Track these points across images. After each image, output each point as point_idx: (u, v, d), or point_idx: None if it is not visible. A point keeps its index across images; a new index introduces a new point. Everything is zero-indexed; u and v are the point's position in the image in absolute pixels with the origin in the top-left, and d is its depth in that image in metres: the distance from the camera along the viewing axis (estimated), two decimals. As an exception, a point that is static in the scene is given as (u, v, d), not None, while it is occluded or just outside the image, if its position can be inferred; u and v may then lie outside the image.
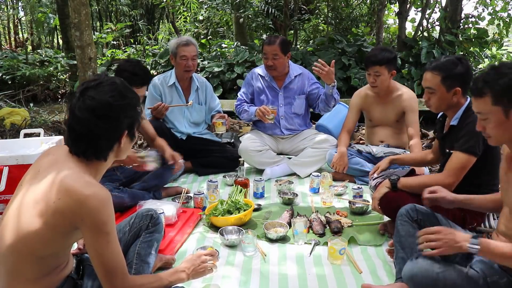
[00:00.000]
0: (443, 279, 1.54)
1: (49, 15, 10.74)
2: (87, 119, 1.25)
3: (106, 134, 1.30)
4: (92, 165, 1.33)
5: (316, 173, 3.07)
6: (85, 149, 1.29)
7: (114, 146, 1.34)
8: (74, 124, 1.27)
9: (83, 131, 1.27)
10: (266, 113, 3.25)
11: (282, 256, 2.15)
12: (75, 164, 1.29)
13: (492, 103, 1.46)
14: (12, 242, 1.23)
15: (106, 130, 1.29)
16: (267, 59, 3.30)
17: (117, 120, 1.30)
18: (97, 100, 1.26)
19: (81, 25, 4.14)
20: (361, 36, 9.13)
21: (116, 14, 13.38)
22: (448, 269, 1.56)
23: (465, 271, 1.55)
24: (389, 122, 3.17)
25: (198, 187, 3.16)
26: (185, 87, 3.42)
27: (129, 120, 1.33)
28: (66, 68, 8.90)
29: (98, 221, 1.21)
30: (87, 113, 1.25)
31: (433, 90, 2.11)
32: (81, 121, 1.26)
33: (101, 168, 1.37)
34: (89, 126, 1.26)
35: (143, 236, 1.76)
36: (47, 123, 4.82)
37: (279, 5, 8.71)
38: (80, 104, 1.26)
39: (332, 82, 3.17)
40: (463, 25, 7.86)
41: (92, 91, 1.27)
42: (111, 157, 1.36)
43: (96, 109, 1.26)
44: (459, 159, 2.03)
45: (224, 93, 7.52)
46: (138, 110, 1.37)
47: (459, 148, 2.04)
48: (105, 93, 1.28)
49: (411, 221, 1.84)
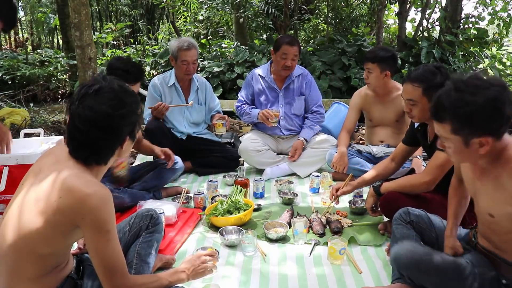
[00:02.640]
0: (427, 262, 1.55)
1: (49, 15, 10.74)
2: (88, 130, 1.24)
3: (109, 143, 1.30)
4: (93, 168, 1.33)
5: (316, 173, 3.07)
6: (87, 156, 1.29)
7: (116, 151, 1.35)
8: (76, 133, 1.26)
9: (85, 141, 1.26)
10: (269, 116, 3.26)
11: (282, 256, 2.15)
12: (76, 164, 1.29)
13: (452, 131, 1.37)
14: (13, 241, 1.23)
15: (109, 140, 1.29)
16: (287, 59, 3.26)
17: (119, 129, 1.29)
18: (96, 111, 1.24)
19: (81, 25, 4.14)
20: (361, 36, 9.13)
21: (116, 14, 13.38)
22: (434, 254, 1.57)
23: (451, 259, 1.56)
24: (389, 122, 3.17)
25: (198, 187, 3.16)
26: (185, 87, 3.42)
27: (130, 126, 1.33)
28: (66, 68, 8.90)
29: (99, 220, 1.22)
30: (88, 125, 1.24)
31: (415, 102, 2.10)
32: (82, 132, 1.25)
33: (102, 170, 1.37)
34: (90, 137, 1.26)
35: (143, 236, 1.76)
36: (47, 123, 4.82)
37: (279, 5, 8.71)
38: (80, 113, 1.24)
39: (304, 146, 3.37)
40: (463, 25, 7.86)
41: (91, 100, 1.25)
42: (112, 160, 1.37)
43: (97, 120, 1.24)
44: (438, 157, 2.04)
45: (224, 93, 7.53)
46: (138, 113, 1.37)
47: (438, 147, 2.05)
48: (105, 102, 1.25)
49: (405, 223, 1.86)
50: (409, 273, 1.65)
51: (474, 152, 1.37)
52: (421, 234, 1.85)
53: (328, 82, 7.24)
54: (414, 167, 2.77)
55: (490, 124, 1.33)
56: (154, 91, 3.36)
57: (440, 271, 1.54)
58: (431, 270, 1.55)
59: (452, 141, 1.40)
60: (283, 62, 3.28)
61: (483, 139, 1.33)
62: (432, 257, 1.56)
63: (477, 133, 1.33)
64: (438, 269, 1.53)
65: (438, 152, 2.04)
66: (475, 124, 1.33)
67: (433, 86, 2.05)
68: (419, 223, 1.85)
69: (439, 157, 2.04)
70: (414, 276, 1.63)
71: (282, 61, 3.28)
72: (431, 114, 1.45)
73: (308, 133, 3.41)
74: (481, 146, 1.35)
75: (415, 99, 2.09)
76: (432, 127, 2.17)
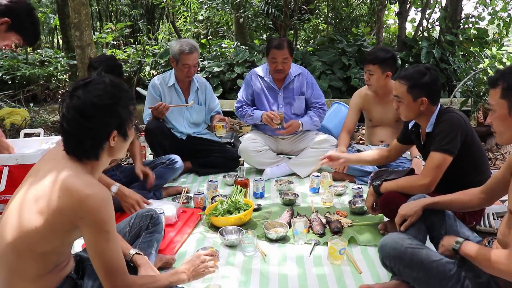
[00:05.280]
0: (411, 255, 1.53)
1: (49, 15, 10.72)
2: (73, 118, 1.27)
3: (92, 134, 1.30)
4: (86, 164, 1.33)
5: (316, 173, 3.06)
6: (73, 147, 1.31)
7: (103, 145, 1.33)
8: (64, 123, 1.30)
9: (70, 130, 1.29)
10: (274, 118, 3.25)
11: (282, 256, 2.15)
12: (74, 165, 1.30)
13: (500, 96, 1.42)
14: (12, 240, 1.23)
15: (91, 129, 1.29)
16: (277, 63, 3.26)
17: (102, 120, 1.30)
18: (82, 100, 1.27)
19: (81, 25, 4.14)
20: (361, 36, 9.13)
21: (116, 14, 13.38)
22: (420, 248, 1.54)
23: (438, 257, 1.53)
24: (389, 122, 3.17)
25: (198, 187, 3.16)
26: (184, 87, 3.42)
27: (117, 120, 1.33)
28: (66, 68, 8.89)
29: (98, 220, 1.22)
30: (74, 113, 1.27)
31: (400, 99, 2.13)
32: (69, 121, 1.28)
33: (96, 168, 1.37)
34: (74, 126, 1.28)
35: (143, 236, 1.76)
36: (47, 123, 4.82)
37: (279, 5, 8.71)
38: (69, 103, 1.29)
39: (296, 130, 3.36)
40: (463, 25, 7.86)
41: (81, 90, 1.29)
42: (105, 156, 1.36)
43: (81, 109, 1.27)
44: (434, 158, 2.04)
45: (224, 93, 7.53)
46: (130, 109, 1.36)
47: (434, 148, 2.05)
48: (92, 92, 1.28)
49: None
50: (392, 264, 1.63)
51: None
52: (431, 227, 1.80)
53: (328, 82, 7.24)
54: (414, 167, 2.77)
55: None
56: (154, 91, 3.36)
57: (424, 267, 1.51)
58: (414, 265, 1.53)
59: (498, 106, 1.43)
60: (274, 66, 3.29)
61: None
62: (418, 252, 1.53)
63: None
64: (422, 265, 1.51)
65: (432, 153, 2.05)
66: None
67: (418, 85, 2.08)
68: (431, 215, 1.80)
69: (434, 158, 2.04)
70: (396, 268, 1.61)
71: (273, 65, 3.29)
72: (488, 81, 1.51)
73: (306, 119, 3.40)
74: None
75: (400, 96, 2.13)
76: (424, 127, 2.17)
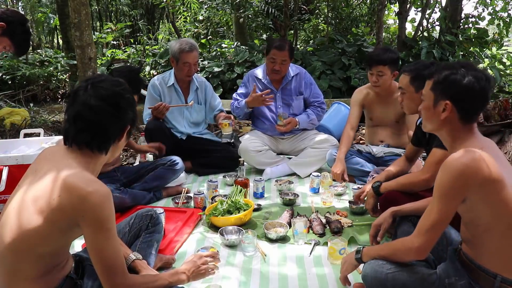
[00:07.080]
0: (392, 280, 1.52)
1: (49, 15, 10.74)
2: (99, 106, 1.31)
3: (114, 124, 1.35)
4: (91, 159, 1.34)
5: (316, 173, 3.07)
6: (90, 139, 1.32)
7: (116, 138, 1.38)
8: (85, 113, 1.31)
9: (94, 118, 1.31)
10: (262, 99, 3.24)
11: (282, 256, 2.15)
12: (74, 162, 1.30)
13: (431, 87, 1.51)
14: (12, 240, 1.23)
15: (115, 119, 1.35)
16: (275, 63, 3.27)
17: (125, 111, 1.37)
18: (110, 90, 1.35)
19: (81, 25, 4.14)
20: (361, 36, 9.13)
21: (116, 14, 13.38)
22: (400, 270, 1.53)
23: (420, 273, 1.51)
24: (389, 122, 3.16)
25: (198, 187, 3.16)
26: (184, 87, 3.42)
27: (132, 115, 1.40)
28: (66, 68, 8.89)
29: (99, 218, 1.22)
30: (100, 101, 1.31)
31: (404, 91, 2.19)
32: (93, 109, 1.31)
33: (99, 163, 1.38)
34: (100, 114, 1.31)
35: (143, 236, 1.76)
36: (47, 123, 4.82)
37: (279, 5, 8.71)
38: (91, 93, 1.32)
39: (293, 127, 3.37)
40: (463, 25, 7.86)
41: (103, 83, 1.36)
42: (109, 152, 1.39)
43: (109, 97, 1.33)
44: (434, 154, 2.05)
45: (224, 93, 7.52)
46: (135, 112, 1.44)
47: (436, 144, 2.05)
48: (116, 85, 1.37)
49: (407, 219, 1.84)
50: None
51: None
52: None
53: (328, 82, 7.24)
54: (414, 167, 2.77)
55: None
56: (153, 91, 3.36)
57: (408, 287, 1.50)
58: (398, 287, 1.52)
59: (428, 96, 1.52)
60: (272, 66, 3.29)
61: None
62: (399, 274, 1.52)
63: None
64: (405, 286, 1.50)
65: (434, 149, 2.06)
66: None
67: (421, 76, 2.10)
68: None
69: (436, 153, 2.04)
70: None
71: (271, 65, 3.29)
72: (428, 73, 1.56)
73: (302, 117, 3.41)
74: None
75: (403, 87, 2.17)
76: None
